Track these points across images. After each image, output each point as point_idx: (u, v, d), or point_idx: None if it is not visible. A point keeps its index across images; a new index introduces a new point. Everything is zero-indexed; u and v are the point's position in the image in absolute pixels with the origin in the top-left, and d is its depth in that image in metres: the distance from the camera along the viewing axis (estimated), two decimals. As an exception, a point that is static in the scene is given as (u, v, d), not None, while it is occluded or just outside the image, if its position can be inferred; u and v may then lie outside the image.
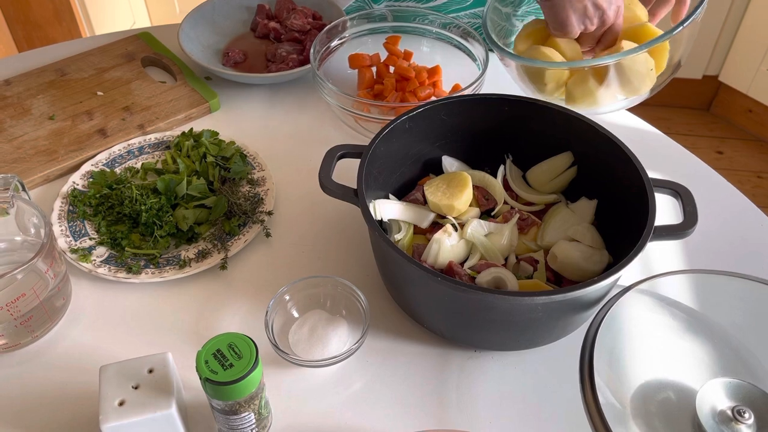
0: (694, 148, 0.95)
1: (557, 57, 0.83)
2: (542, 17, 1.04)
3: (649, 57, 0.80)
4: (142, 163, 0.88)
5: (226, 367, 0.54)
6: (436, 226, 0.75)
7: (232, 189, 0.83)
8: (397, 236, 0.74)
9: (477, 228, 0.73)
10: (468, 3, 1.05)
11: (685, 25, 0.76)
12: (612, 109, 0.87)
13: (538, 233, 0.75)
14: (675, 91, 2.41)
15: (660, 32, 0.80)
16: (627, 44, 0.79)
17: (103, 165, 0.88)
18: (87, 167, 0.87)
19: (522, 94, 0.78)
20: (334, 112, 0.95)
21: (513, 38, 1.01)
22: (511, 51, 0.87)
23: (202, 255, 0.77)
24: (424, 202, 0.77)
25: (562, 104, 0.83)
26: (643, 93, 0.84)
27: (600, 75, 0.81)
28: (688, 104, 2.44)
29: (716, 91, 2.38)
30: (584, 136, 0.74)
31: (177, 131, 0.93)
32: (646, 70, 0.80)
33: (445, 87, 0.96)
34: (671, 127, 2.36)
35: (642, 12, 0.85)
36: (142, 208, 0.78)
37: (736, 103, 2.34)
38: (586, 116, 0.75)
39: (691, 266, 0.78)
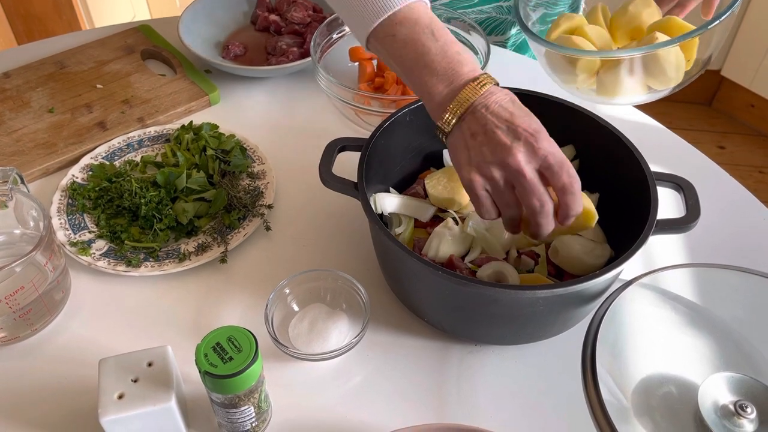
0: (696, 143, 0.95)
1: (588, 47, 0.83)
2: (558, 11, 1.03)
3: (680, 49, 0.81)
4: (142, 156, 0.87)
5: (226, 360, 0.54)
6: (437, 219, 0.74)
7: (231, 182, 0.82)
8: (398, 230, 0.73)
9: (478, 222, 0.72)
10: (475, 1, 1.04)
11: (722, 19, 0.76)
12: (640, 101, 0.88)
13: None
14: (677, 86, 2.40)
15: (689, 25, 0.80)
16: (661, 36, 0.79)
17: (102, 158, 0.87)
18: (86, 160, 0.87)
19: (523, 87, 0.77)
20: (334, 106, 0.95)
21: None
22: (544, 38, 0.87)
23: (201, 248, 0.77)
24: (425, 196, 0.76)
25: (593, 94, 0.83)
26: (673, 84, 0.84)
27: (633, 65, 0.81)
28: (689, 99, 2.44)
29: (718, 86, 2.37)
30: (586, 129, 0.74)
31: (177, 124, 0.92)
32: (680, 60, 0.81)
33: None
34: (672, 122, 2.35)
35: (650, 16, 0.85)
36: (142, 201, 0.78)
37: (738, 97, 2.33)
38: (589, 110, 0.74)
39: (693, 260, 0.78)
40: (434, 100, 0.62)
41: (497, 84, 0.62)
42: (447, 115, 0.61)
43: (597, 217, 0.66)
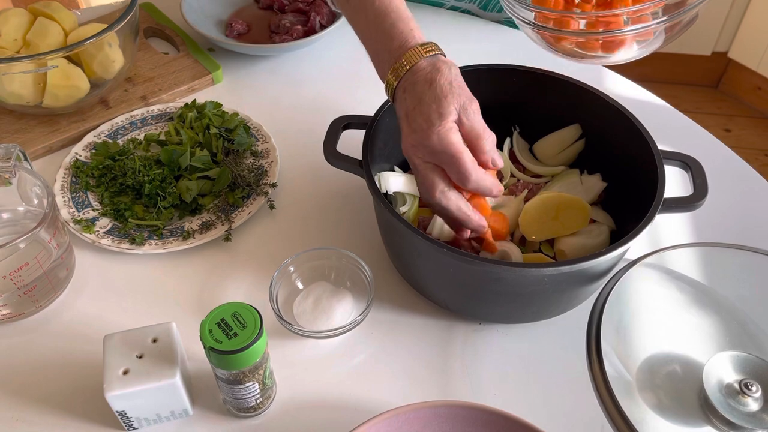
0: (702, 126, 0.94)
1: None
2: None
3: None
4: (145, 135, 0.87)
5: (231, 336, 0.54)
6: (442, 198, 0.74)
7: (235, 161, 0.82)
8: (402, 209, 0.73)
9: (483, 201, 0.72)
10: None
11: None
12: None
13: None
14: (683, 68, 2.38)
15: None
16: None
17: (105, 136, 0.87)
18: (89, 138, 0.86)
19: (530, 64, 0.76)
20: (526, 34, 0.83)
21: None
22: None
23: (205, 226, 0.76)
24: (430, 175, 0.76)
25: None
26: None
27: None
28: (696, 81, 2.42)
29: (725, 68, 2.35)
30: (593, 107, 0.73)
31: (180, 103, 0.92)
32: None
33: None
34: (678, 105, 2.31)
35: None
36: (145, 179, 0.78)
37: (745, 80, 2.31)
38: (595, 87, 0.74)
39: (699, 240, 0.78)
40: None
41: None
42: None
43: (590, 209, 0.70)
